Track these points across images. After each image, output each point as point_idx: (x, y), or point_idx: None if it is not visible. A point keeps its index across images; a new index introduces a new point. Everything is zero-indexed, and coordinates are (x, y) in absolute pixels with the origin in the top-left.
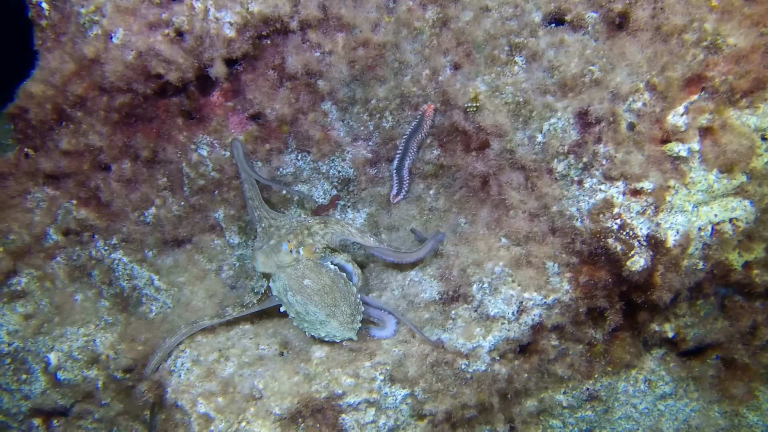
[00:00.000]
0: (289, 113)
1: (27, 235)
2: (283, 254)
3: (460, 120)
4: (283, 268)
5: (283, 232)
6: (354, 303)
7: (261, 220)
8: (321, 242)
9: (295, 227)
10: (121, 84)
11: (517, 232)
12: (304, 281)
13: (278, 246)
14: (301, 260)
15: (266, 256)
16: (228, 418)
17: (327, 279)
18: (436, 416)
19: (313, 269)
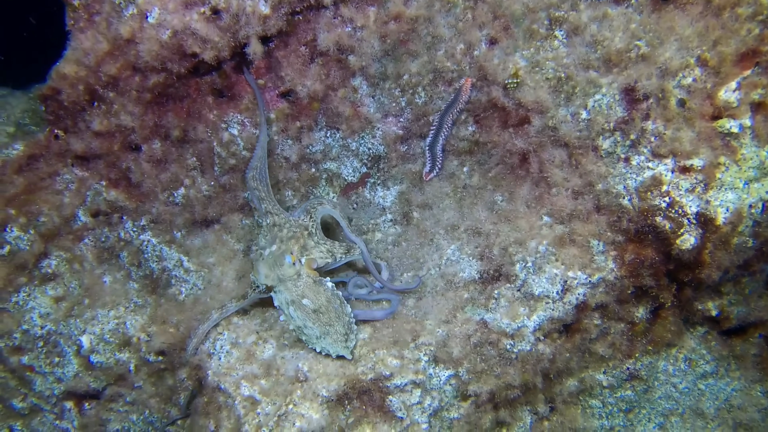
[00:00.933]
0: (321, 90)
1: (57, 217)
2: (286, 267)
3: (499, 96)
4: (284, 282)
5: (284, 233)
6: (348, 323)
7: (267, 214)
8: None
9: (295, 230)
10: (156, 63)
11: (561, 210)
12: (303, 300)
13: (281, 258)
14: (302, 276)
15: (269, 269)
16: (274, 400)
17: (323, 299)
18: (480, 397)
19: (312, 288)
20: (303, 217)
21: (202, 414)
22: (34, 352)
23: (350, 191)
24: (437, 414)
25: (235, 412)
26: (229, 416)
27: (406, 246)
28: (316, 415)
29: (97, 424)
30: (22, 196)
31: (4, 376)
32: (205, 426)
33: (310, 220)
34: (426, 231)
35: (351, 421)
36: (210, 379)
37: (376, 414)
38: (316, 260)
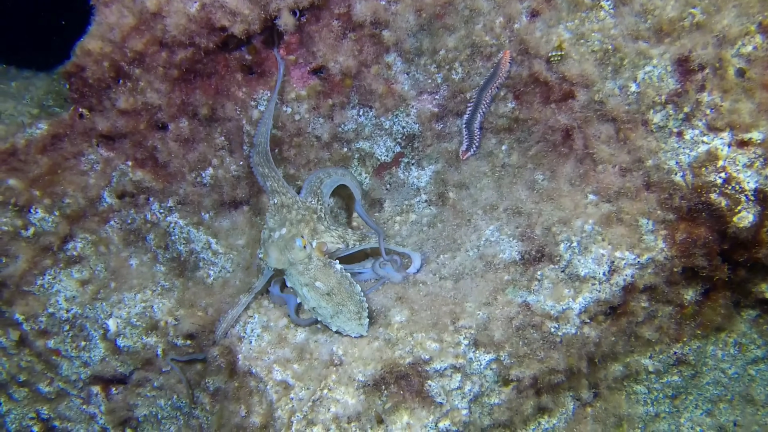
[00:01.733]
0: (354, 66)
1: (82, 199)
2: (297, 251)
3: (542, 70)
4: (295, 266)
5: (293, 215)
6: (359, 301)
7: (274, 193)
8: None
9: (303, 213)
10: (183, 38)
11: (607, 188)
12: (316, 283)
13: (292, 242)
14: (313, 259)
15: (280, 252)
16: (308, 385)
17: (334, 281)
18: (522, 382)
19: (322, 271)
20: (310, 199)
21: (233, 399)
22: (60, 336)
23: (383, 171)
24: (477, 399)
25: (267, 397)
26: (261, 401)
27: (442, 227)
28: (352, 401)
29: (124, 408)
30: (47, 176)
31: (31, 360)
32: (235, 411)
33: (318, 203)
34: (463, 211)
35: (388, 407)
36: (241, 363)
37: (414, 399)
38: (327, 244)
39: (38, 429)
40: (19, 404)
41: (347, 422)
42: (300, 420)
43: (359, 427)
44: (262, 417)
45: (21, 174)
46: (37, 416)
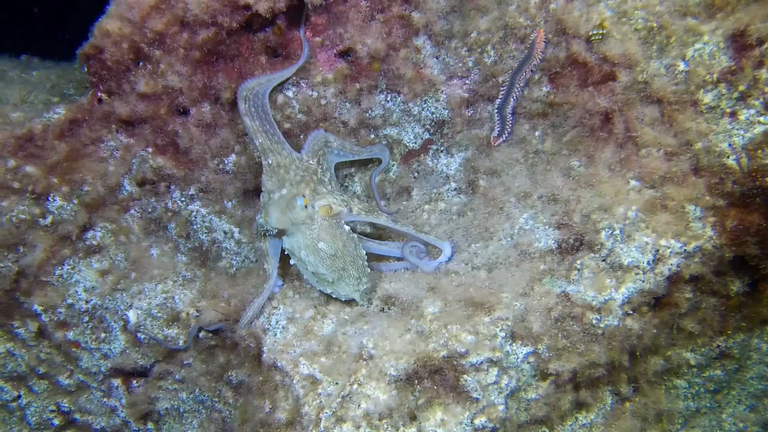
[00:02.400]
0: (382, 49)
1: (101, 186)
2: (298, 210)
3: (581, 50)
4: (297, 226)
5: (292, 176)
6: (361, 266)
7: (266, 152)
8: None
9: (302, 174)
10: (206, 17)
11: (652, 173)
12: (319, 244)
13: (293, 201)
14: (317, 219)
15: (281, 212)
16: (337, 380)
17: (340, 243)
18: (561, 376)
19: (328, 231)
20: (310, 159)
21: (257, 394)
22: (80, 328)
23: (411, 159)
24: (514, 394)
25: (293, 392)
26: (287, 396)
27: (473, 216)
28: (384, 396)
29: (145, 402)
30: (65, 163)
31: (50, 351)
32: (260, 407)
33: (318, 165)
34: (495, 199)
35: (421, 403)
36: (265, 356)
37: (449, 395)
38: (332, 206)
39: (59, 422)
40: (39, 397)
41: (378, 419)
42: (329, 417)
43: (391, 424)
44: (288, 413)
45: (38, 160)
46: (57, 409)
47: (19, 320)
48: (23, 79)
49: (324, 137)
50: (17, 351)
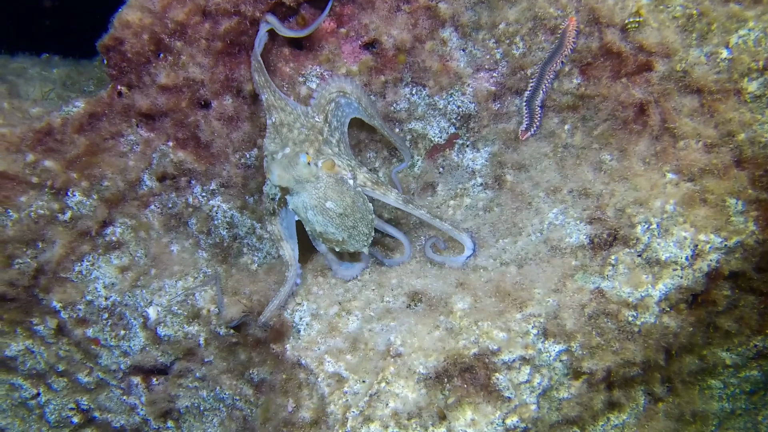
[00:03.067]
0: (408, 40)
1: (121, 181)
2: (302, 167)
3: (616, 40)
4: (302, 184)
5: (295, 135)
6: (370, 222)
7: (270, 110)
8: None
9: (307, 132)
10: (228, 6)
11: (690, 166)
12: (327, 203)
13: (296, 158)
14: (322, 177)
15: (283, 170)
16: (363, 378)
17: (348, 199)
18: (595, 375)
19: (334, 188)
20: (315, 116)
21: (281, 392)
22: (99, 325)
23: (436, 153)
24: (546, 393)
25: (318, 390)
26: (311, 395)
27: (500, 211)
28: (413, 395)
29: (165, 400)
30: (84, 157)
31: (69, 349)
32: (283, 405)
33: (325, 123)
34: (523, 194)
35: (451, 402)
36: (289, 353)
37: (479, 393)
38: (336, 163)
39: (78, 420)
40: (59, 394)
41: (407, 419)
42: (356, 416)
43: (420, 423)
44: (313, 412)
45: (57, 155)
46: (77, 407)
47: (38, 317)
48: (43, 77)
49: (338, 86)
50: (36, 348)
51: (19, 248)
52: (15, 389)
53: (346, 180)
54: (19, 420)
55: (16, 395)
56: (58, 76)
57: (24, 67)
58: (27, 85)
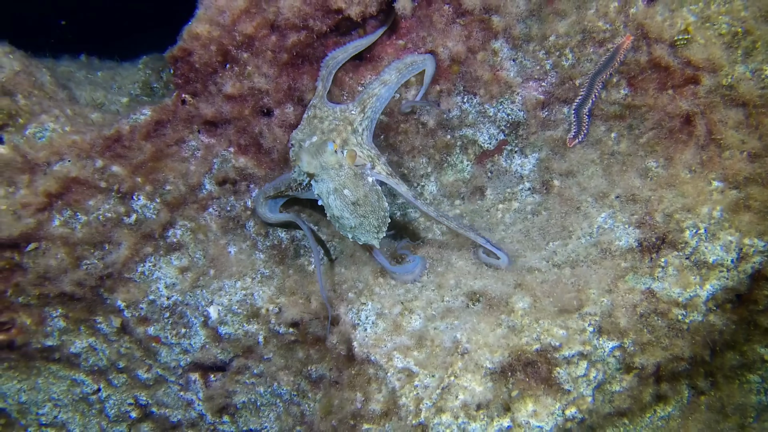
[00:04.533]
0: (463, 52)
1: (183, 186)
2: (328, 154)
3: (664, 55)
4: (326, 170)
5: (326, 126)
6: (382, 217)
7: (310, 108)
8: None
9: (338, 122)
10: (297, 21)
11: (735, 175)
12: (344, 190)
13: (324, 146)
14: (344, 166)
15: (311, 156)
16: (433, 373)
17: (362, 192)
18: (646, 369)
19: (352, 179)
20: (352, 109)
21: (347, 386)
22: (161, 323)
23: (485, 159)
24: (601, 387)
25: (387, 384)
26: (380, 389)
27: (548, 215)
28: (480, 388)
29: (222, 396)
30: (149, 163)
31: (130, 346)
32: (350, 399)
33: (360, 114)
34: (571, 199)
35: (515, 394)
36: (357, 350)
37: (539, 386)
38: (357, 154)
39: (136, 414)
40: (118, 390)
41: (475, 410)
42: (429, 407)
43: (487, 414)
44: (383, 404)
45: (124, 160)
46: (135, 402)
47: (101, 316)
48: (90, 80)
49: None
50: (99, 345)
51: (88, 250)
52: (77, 385)
53: (364, 175)
54: (79, 414)
55: (78, 390)
56: (103, 79)
57: (71, 71)
58: (78, 89)
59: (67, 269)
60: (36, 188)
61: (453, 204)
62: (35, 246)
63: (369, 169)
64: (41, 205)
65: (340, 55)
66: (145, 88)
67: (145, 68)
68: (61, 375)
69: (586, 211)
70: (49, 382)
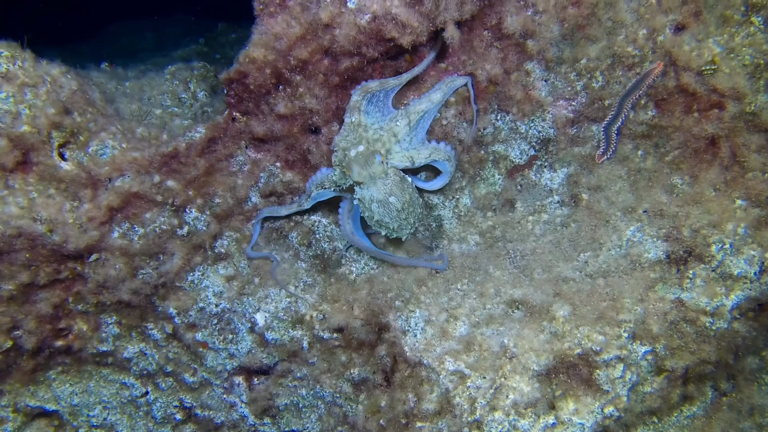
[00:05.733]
0: (500, 74)
1: (231, 198)
2: (376, 165)
3: (692, 82)
4: (374, 179)
5: (370, 135)
6: (420, 215)
7: (352, 111)
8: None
9: (381, 133)
10: (351, 48)
11: (758, 194)
12: (390, 198)
13: (372, 158)
14: (390, 174)
15: (361, 167)
16: (484, 374)
17: (407, 196)
18: (675, 372)
19: (399, 185)
20: (399, 121)
21: (399, 388)
22: (209, 329)
23: (516, 173)
24: (635, 388)
25: (440, 385)
26: (432, 389)
27: (577, 227)
28: (527, 388)
29: (266, 398)
30: (202, 178)
31: (178, 351)
32: (402, 399)
33: (406, 126)
34: (600, 212)
35: (558, 394)
36: (409, 354)
37: (580, 387)
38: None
39: (181, 416)
40: (165, 393)
41: (524, 408)
42: (483, 406)
43: (534, 412)
44: (437, 404)
45: (179, 176)
46: (180, 404)
47: (153, 322)
48: (121, 92)
49: (429, 99)
50: (149, 351)
51: (144, 260)
52: (126, 388)
53: (406, 178)
54: (127, 416)
55: (127, 393)
56: (132, 90)
57: (102, 82)
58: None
59: (125, 278)
60: (99, 203)
61: (485, 216)
62: (97, 257)
63: (410, 166)
64: (104, 218)
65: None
66: (174, 99)
67: (173, 78)
68: (111, 378)
69: (615, 224)
70: (100, 385)
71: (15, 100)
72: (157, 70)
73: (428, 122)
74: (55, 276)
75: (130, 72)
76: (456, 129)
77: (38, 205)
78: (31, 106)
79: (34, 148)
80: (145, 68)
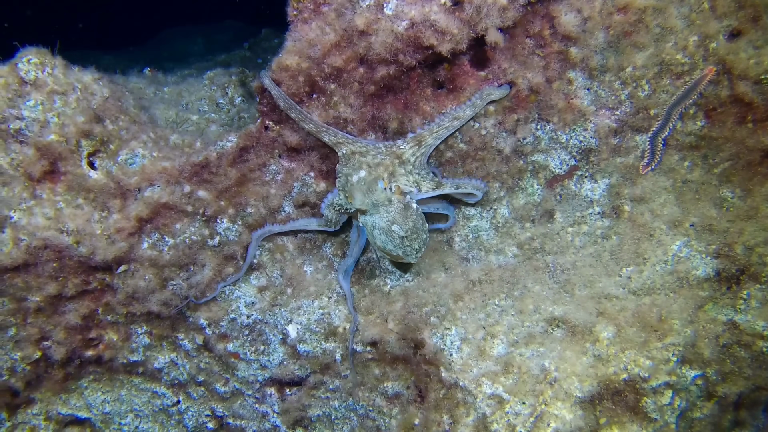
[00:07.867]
0: (542, 83)
1: (263, 208)
2: (379, 192)
3: (748, 91)
4: (377, 207)
5: (370, 159)
6: (424, 240)
7: (338, 145)
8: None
9: (382, 157)
10: (388, 56)
11: None
12: (393, 227)
13: (374, 184)
14: (393, 201)
15: (364, 195)
16: (523, 400)
17: (411, 223)
18: (727, 398)
19: (402, 213)
20: (401, 144)
21: (434, 409)
22: (240, 340)
23: (555, 183)
24: (684, 414)
25: (477, 410)
26: (468, 413)
27: (619, 240)
28: (570, 416)
29: (298, 409)
30: (233, 188)
31: (209, 361)
32: (437, 420)
33: (412, 147)
34: (644, 225)
35: (603, 422)
36: (445, 375)
37: (626, 414)
38: (401, 187)
39: (213, 425)
40: (196, 402)
41: None
42: None
43: None
44: (473, 429)
45: (210, 185)
46: (212, 413)
47: (183, 332)
48: (160, 98)
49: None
50: (180, 361)
51: (174, 271)
52: (158, 397)
53: (411, 204)
54: (159, 425)
55: (158, 402)
56: (170, 96)
57: (140, 87)
58: (152, 107)
59: (155, 290)
60: (128, 213)
61: (524, 227)
62: (126, 268)
63: (416, 193)
64: (133, 229)
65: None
66: (211, 104)
67: (211, 84)
68: (143, 387)
69: (659, 238)
70: (131, 394)
71: (44, 108)
72: (197, 75)
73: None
74: (83, 287)
75: (171, 77)
76: (495, 139)
77: (66, 216)
78: (60, 114)
79: (63, 158)
80: (188, 73)
